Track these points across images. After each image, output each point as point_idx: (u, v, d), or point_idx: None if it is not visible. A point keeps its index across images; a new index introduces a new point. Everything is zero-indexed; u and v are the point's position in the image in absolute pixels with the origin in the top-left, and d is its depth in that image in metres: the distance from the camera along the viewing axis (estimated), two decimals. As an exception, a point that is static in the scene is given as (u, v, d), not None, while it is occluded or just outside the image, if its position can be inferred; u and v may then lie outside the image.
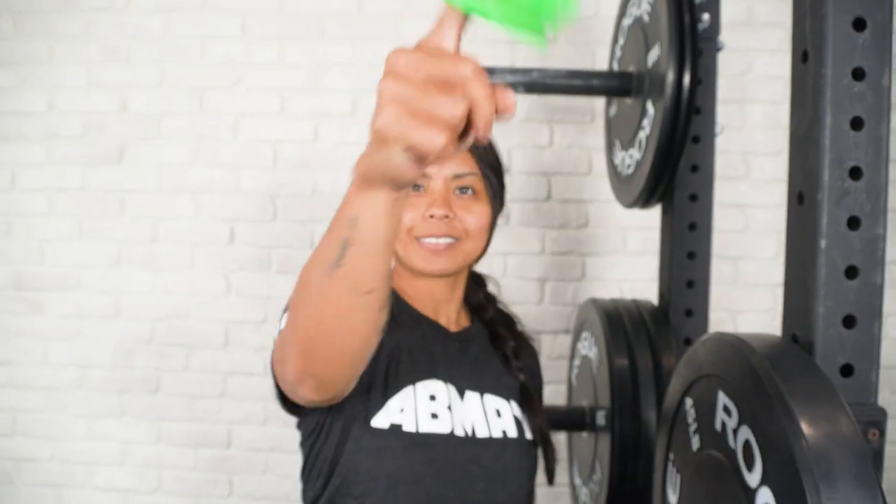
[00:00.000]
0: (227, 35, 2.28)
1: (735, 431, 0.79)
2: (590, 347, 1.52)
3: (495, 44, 2.12)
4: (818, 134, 0.76)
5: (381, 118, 0.49)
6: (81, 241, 2.30)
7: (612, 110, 1.70)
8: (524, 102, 2.24)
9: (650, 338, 1.40)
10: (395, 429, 0.93)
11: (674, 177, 1.44)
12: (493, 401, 1.05)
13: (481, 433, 1.00)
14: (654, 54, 1.36)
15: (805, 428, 0.66)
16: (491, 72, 1.43)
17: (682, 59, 1.26)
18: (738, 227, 2.24)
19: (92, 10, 2.28)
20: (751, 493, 0.73)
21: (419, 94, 0.47)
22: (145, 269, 2.29)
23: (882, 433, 0.86)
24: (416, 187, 1.02)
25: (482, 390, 1.04)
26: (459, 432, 0.97)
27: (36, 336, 2.31)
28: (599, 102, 2.21)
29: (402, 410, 0.94)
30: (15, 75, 2.29)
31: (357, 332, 0.66)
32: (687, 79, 1.26)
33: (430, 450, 0.94)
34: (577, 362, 1.66)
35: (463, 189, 1.04)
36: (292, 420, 1.00)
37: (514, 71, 1.45)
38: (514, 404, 1.07)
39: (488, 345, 1.12)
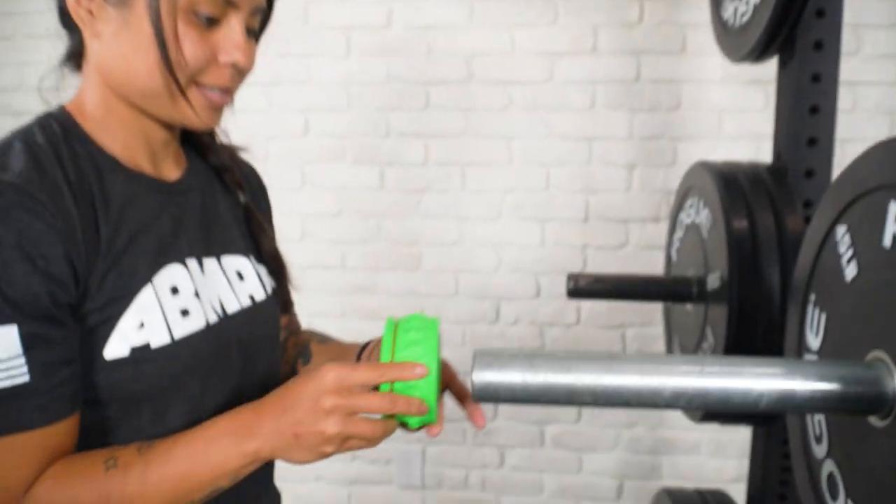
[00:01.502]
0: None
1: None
2: (697, 213, 1.41)
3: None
4: None
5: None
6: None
7: (722, -40, 1.54)
8: (612, -26, 2.08)
9: (770, 197, 1.28)
10: (140, 351, 0.73)
11: (798, 21, 1.29)
12: (232, 262, 0.90)
13: (231, 307, 0.86)
14: None
15: None
16: None
17: None
18: (845, 106, 2.06)
19: None
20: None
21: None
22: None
23: None
24: (211, 20, 0.75)
25: (219, 252, 0.88)
26: (213, 318, 0.82)
27: None
28: (695, -29, 2.04)
29: (142, 325, 0.73)
30: None
31: None
32: None
33: (191, 357, 0.78)
34: (678, 234, 1.55)
35: (250, 30, 0.80)
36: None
37: None
38: (252, 259, 0.93)
39: (211, 185, 0.92)
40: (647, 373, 0.77)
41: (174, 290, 0.78)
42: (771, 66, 1.47)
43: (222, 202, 0.92)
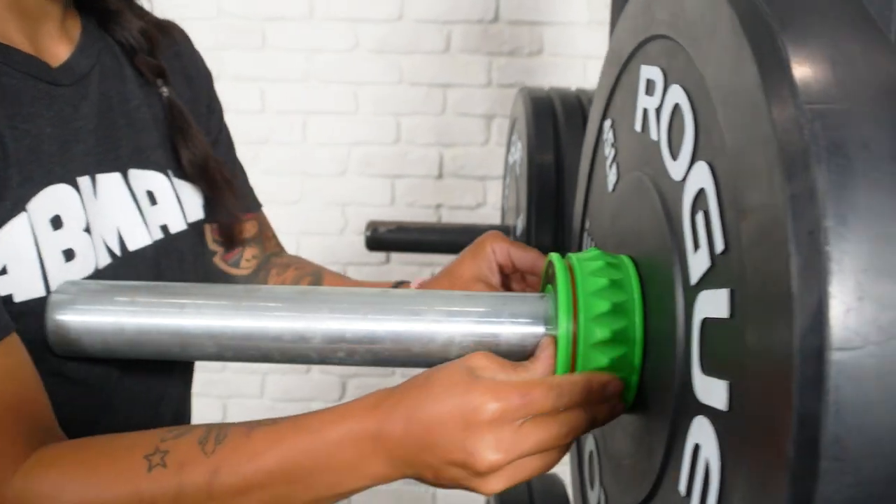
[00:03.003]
0: None
1: (658, 111, 0.48)
2: (516, 150, 1.20)
3: None
4: None
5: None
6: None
7: None
8: None
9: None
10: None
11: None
12: (143, 178, 0.68)
13: (135, 242, 0.65)
14: None
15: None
16: None
17: None
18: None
19: None
20: (677, 188, 0.43)
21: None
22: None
23: None
24: None
25: (125, 166, 0.66)
26: (103, 260, 0.61)
27: None
28: None
29: (4, 271, 0.53)
30: None
31: None
32: None
33: None
34: (507, 180, 1.35)
35: None
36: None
37: None
38: (172, 175, 0.71)
39: (117, 71, 0.69)
40: (294, 312, 0.54)
41: (56, 223, 0.57)
42: None
43: (134, 95, 0.69)
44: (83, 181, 0.60)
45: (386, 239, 1.20)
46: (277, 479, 0.48)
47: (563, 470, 1.09)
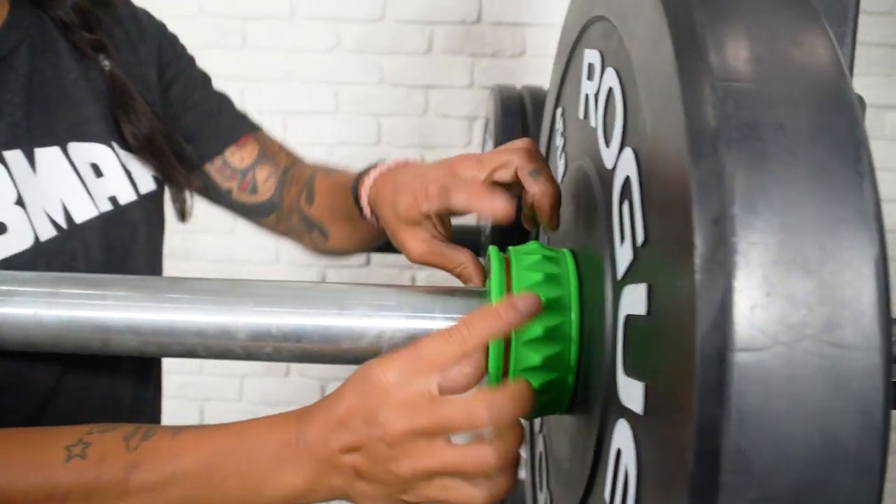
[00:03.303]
0: None
1: (596, 97, 0.46)
2: (488, 147, 1.18)
3: None
4: None
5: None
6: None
7: None
8: None
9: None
10: None
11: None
12: (85, 151, 0.66)
13: (82, 214, 0.64)
14: None
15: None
16: None
17: None
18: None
19: None
20: (609, 176, 0.40)
21: None
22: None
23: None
24: None
25: (62, 140, 0.64)
26: (47, 231, 0.60)
27: None
28: None
29: None
30: None
31: None
32: None
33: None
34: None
35: None
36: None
37: None
38: (118, 148, 0.69)
39: (50, 43, 0.67)
40: (219, 306, 0.51)
41: None
42: None
43: (71, 69, 0.68)
44: (12, 155, 0.59)
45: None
46: (194, 480, 0.46)
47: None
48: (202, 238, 2.02)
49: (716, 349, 0.24)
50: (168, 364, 2.27)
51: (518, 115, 1.03)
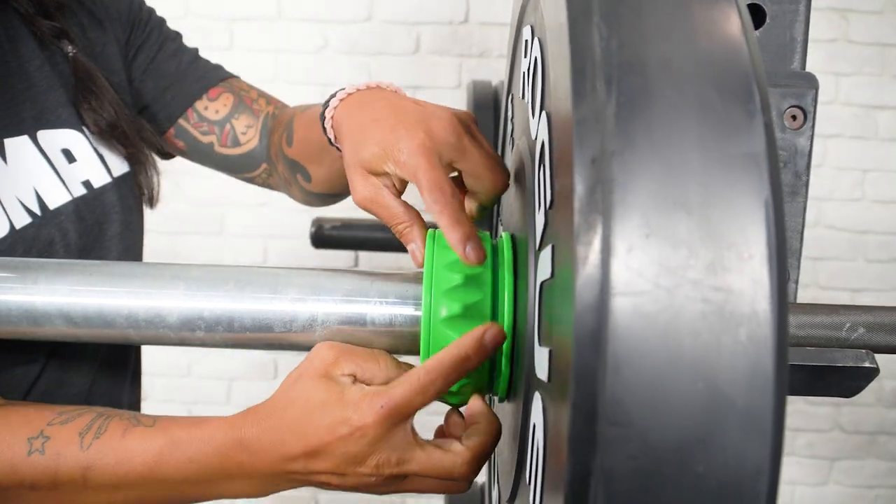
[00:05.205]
0: None
1: (529, 71, 0.44)
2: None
3: None
4: None
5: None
6: None
7: None
8: None
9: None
10: None
11: None
12: (55, 137, 0.66)
13: (56, 199, 0.64)
14: None
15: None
16: None
17: None
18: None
19: None
20: (533, 146, 0.39)
21: None
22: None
23: (805, 116, 0.52)
24: None
25: (31, 128, 0.65)
26: (22, 218, 0.61)
27: None
28: None
29: None
30: None
31: None
32: None
33: None
34: (461, 178, 1.31)
35: None
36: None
37: None
38: (88, 132, 0.69)
39: (12, 33, 0.67)
40: (148, 289, 0.50)
41: None
42: None
43: (34, 56, 0.67)
44: None
45: (331, 236, 1.16)
46: (146, 484, 0.48)
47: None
48: (189, 240, 2.01)
49: (593, 295, 0.23)
50: (156, 367, 2.27)
51: (490, 110, 1.02)
